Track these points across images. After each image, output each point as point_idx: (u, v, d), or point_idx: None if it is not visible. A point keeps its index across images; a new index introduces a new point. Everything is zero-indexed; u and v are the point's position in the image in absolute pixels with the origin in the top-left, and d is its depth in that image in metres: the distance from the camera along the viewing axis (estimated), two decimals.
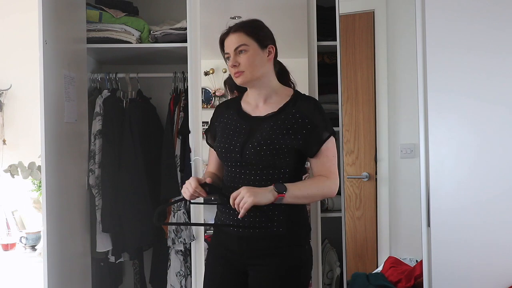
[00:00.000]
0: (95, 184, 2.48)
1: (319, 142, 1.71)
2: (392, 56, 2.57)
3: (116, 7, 2.64)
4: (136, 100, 2.68)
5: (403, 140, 2.53)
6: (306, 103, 1.76)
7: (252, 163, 1.71)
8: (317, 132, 1.71)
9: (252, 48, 1.73)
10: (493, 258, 1.84)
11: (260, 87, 1.78)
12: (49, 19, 2.08)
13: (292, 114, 1.72)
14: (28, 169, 2.76)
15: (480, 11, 1.84)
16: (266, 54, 1.76)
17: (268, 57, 1.76)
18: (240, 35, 1.73)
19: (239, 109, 1.83)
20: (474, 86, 1.84)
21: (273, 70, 1.81)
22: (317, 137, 1.71)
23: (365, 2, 2.67)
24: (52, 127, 2.09)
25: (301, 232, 1.77)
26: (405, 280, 2.33)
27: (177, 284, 2.50)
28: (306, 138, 1.70)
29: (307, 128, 1.70)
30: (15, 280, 2.57)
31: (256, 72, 1.74)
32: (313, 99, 1.85)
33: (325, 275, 2.61)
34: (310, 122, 1.70)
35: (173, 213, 2.50)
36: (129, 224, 2.48)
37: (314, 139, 1.70)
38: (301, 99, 1.78)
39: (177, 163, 2.51)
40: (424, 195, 1.88)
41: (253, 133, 1.73)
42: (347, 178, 2.56)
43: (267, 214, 1.67)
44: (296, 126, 1.70)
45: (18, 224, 2.91)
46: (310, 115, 1.71)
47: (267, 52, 1.76)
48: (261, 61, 1.75)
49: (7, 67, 2.98)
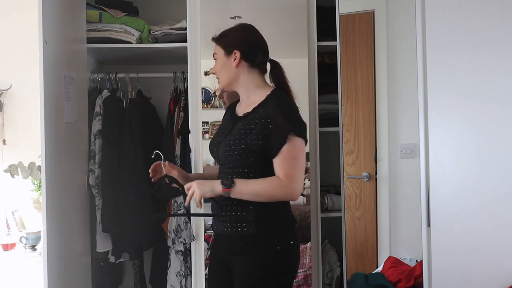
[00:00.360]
0: (95, 184, 2.48)
1: (279, 143, 1.68)
2: (392, 56, 2.57)
3: (116, 7, 2.64)
4: (136, 100, 2.68)
5: (403, 140, 2.53)
6: (274, 103, 1.74)
7: (225, 162, 1.80)
8: (278, 133, 1.69)
9: (219, 56, 1.83)
10: (493, 258, 1.84)
11: (239, 90, 1.86)
12: (49, 19, 2.08)
13: (258, 114, 1.73)
14: (28, 169, 2.76)
15: (479, 11, 1.84)
16: (232, 60, 1.80)
17: (234, 61, 1.80)
18: (214, 44, 1.86)
19: (233, 110, 1.91)
20: (474, 86, 1.84)
21: (251, 72, 1.83)
22: (277, 138, 1.69)
23: (365, 2, 2.67)
24: (52, 127, 2.09)
25: (273, 234, 1.77)
26: (405, 280, 2.33)
27: (177, 284, 2.50)
28: (266, 138, 1.70)
29: (269, 128, 1.69)
30: (15, 280, 2.57)
31: (224, 79, 1.84)
32: (283, 99, 1.78)
33: (325, 275, 2.61)
34: (272, 123, 1.69)
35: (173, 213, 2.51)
36: (129, 224, 2.48)
37: (274, 140, 1.69)
38: (272, 99, 1.77)
39: (177, 163, 2.51)
40: (424, 195, 1.88)
41: (230, 133, 1.80)
42: (347, 178, 2.56)
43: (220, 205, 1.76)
44: (259, 126, 1.71)
45: (18, 224, 2.91)
46: (273, 115, 1.70)
47: (233, 57, 1.80)
48: (228, 68, 1.82)
49: (7, 67, 2.98)
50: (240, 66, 1.81)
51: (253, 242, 1.75)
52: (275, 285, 1.75)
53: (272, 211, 1.75)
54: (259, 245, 1.75)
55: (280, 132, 1.68)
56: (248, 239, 1.75)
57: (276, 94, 1.79)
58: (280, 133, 1.68)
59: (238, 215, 1.75)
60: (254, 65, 1.82)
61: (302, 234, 2.49)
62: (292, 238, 1.81)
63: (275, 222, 1.78)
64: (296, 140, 1.70)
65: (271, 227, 1.77)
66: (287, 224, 1.82)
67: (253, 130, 1.72)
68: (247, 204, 1.73)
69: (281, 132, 1.68)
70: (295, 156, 1.70)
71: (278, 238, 1.77)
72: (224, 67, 1.82)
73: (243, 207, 1.73)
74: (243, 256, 1.76)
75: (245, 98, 1.85)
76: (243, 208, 1.74)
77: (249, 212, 1.73)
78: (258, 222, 1.73)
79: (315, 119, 2.48)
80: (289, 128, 1.68)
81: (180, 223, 2.46)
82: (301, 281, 2.50)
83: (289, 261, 1.79)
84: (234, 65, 1.81)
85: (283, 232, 1.79)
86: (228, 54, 1.81)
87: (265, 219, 1.75)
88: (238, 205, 1.73)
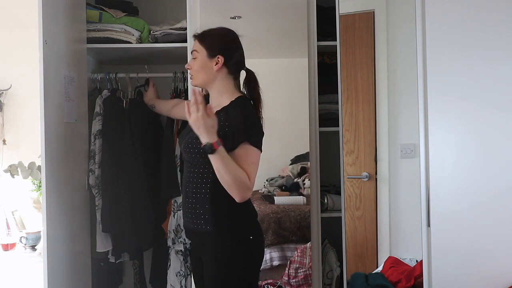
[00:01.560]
0: (95, 184, 2.48)
1: (231, 146, 1.73)
2: (392, 56, 2.57)
3: (116, 7, 2.64)
4: (136, 100, 2.68)
5: (403, 140, 2.53)
6: (235, 110, 1.80)
7: (186, 159, 1.87)
8: (231, 137, 1.73)
9: (200, 55, 1.87)
10: (493, 258, 1.84)
11: (210, 91, 1.91)
12: (49, 19, 2.07)
13: (219, 118, 1.76)
14: (28, 169, 2.76)
15: (478, 17, 1.86)
16: (214, 63, 1.85)
17: (216, 66, 1.85)
18: (196, 41, 1.89)
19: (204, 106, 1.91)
20: (474, 88, 1.85)
21: (226, 78, 1.88)
22: (230, 142, 1.73)
23: (365, 2, 2.67)
24: (52, 127, 2.09)
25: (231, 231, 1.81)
26: (405, 280, 2.33)
27: (177, 284, 2.50)
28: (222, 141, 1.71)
29: (225, 131, 1.73)
30: (15, 280, 2.57)
31: (200, 78, 1.88)
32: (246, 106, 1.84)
33: (325, 275, 2.61)
34: (229, 127, 1.74)
35: (173, 213, 2.51)
36: (129, 224, 2.48)
37: (228, 143, 1.71)
38: (236, 106, 1.82)
39: (177, 163, 2.51)
40: (424, 195, 1.88)
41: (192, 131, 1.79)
42: (347, 178, 2.56)
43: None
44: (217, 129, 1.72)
45: (18, 224, 2.91)
46: (231, 121, 1.75)
47: (215, 61, 1.85)
48: (207, 69, 1.86)
49: (7, 67, 2.99)
50: (219, 71, 1.86)
51: (212, 239, 1.81)
52: (237, 279, 1.80)
53: (229, 209, 1.79)
54: (218, 242, 1.80)
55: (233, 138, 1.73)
56: (207, 236, 1.81)
57: (240, 101, 1.85)
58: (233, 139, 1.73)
59: (197, 212, 1.81)
60: (231, 72, 1.89)
61: (302, 234, 2.50)
62: (252, 233, 1.85)
63: (233, 219, 1.81)
64: (248, 147, 1.75)
65: (229, 224, 1.81)
66: (246, 219, 1.85)
67: None
68: (203, 202, 1.78)
69: (234, 139, 1.73)
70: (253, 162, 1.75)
71: (236, 234, 1.81)
72: (204, 68, 1.86)
73: (201, 205, 1.79)
74: (206, 253, 1.84)
75: (213, 100, 1.90)
76: (201, 206, 1.79)
77: (205, 210, 1.79)
78: (215, 220, 1.78)
79: (315, 119, 2.48)
80: (243, 137, 1.74)
81: (180, 223, 2.46)
82: (301, 281, 2.50)
83: (250, 256, 1.83)
84: (216, 69, 1.86)
85: (241, 229, 1.83)
86: (211, 57, 1.85)
87: (222, 217, 1.80)
88: (197, 203, 1.79)
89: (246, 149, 1.74)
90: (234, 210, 1.80)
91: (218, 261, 1.80)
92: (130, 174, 2.49)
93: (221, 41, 1.89)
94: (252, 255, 1.85)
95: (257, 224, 1.91)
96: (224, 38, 1.90)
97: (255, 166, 1.77)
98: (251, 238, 1.84)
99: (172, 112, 2.45)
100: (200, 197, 1.80)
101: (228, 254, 1.79)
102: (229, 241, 1.80)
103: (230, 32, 1.92)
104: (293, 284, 2.51)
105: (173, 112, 2.45)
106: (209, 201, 1.79)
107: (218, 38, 1.89)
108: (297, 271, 2.51)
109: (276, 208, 2.51)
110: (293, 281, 2.51)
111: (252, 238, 1.84)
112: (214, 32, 1.91)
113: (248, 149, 1.75)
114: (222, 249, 1.80)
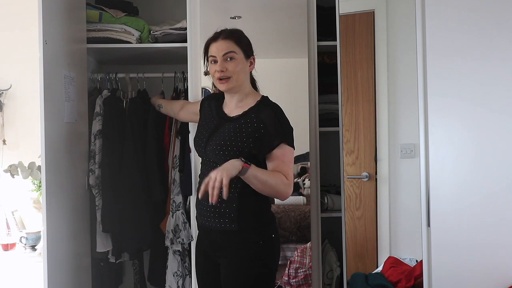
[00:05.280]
0: (95, 184, 2.47)
1: (269, 148, 1.77)
2: (392, 56, 2.57)
3: (116, 7, 2.64)
4: (136, 100, 2.68)
5: (403, 140, 2.53)
6: (267, 110, 1.83)
7: (213, 160, 1.84)
8: (269, 138, 1.77)
9: (239, 56, 1.86)
10: (493, 258, 1.84)
11: (236, 93, 1.90)
12: (49, 19, 2.07)
13: (250, 118, 1.80)
14: (28, 169, 2.76)
15: (477, 18, 1.87)
16: (249, 64, 1.89)
17: (250, 67, 1.90)
18: (230, 42, 1.85)
19: (219, 105, 1.95)
20: (474, 89, 1.86)
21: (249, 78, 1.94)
22: (268, 143, 1.77)
23: (365, 2, 2.67)
24: (52, 127, 2.09)
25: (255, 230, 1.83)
26: (405, 280, 2.33)
27: (174, 284, 2.50)
28: (257, 142, 1.77)
29: (261, 132, 1.77)
30: (15, 280, 2.57)
31: (240, 80, 1.86)
32: (276, 106, 1.88)
33: (325, 275, 2.61)
34: (264, 128, 1.77)
35: (171, 213, 2.50)
36: (129, 224, 2.48)
37: (265, 144, 1.77)
38: (264, 105, 1.86)
39: (176, 164, 2.51)
40: (424, 195, 1.88)
41: (216, 131, 1.84)
42: (347, 178, 2.56)
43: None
44: (251, 130, 1.78)
45: (18, 224, 2.91)
46: (266, 121, 1.78)
47: (250, 62, 1.89)
48: (244, 70, 1.88)
49: (7, 67, 2.98)
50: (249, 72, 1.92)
51: (236, 237, 1.81)
52: (258, 276, 1.81)
53: (254, 209, 1.82)
54: (242, 240, 1.81)
55: (271, 139, 1.77)
56: (231, 234, 1.81)
57: (267, 101, 1.90)
58: (270, 139, 1.77)
59: (222, 212, 1.80)
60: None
61: (302, 234, 2.50)
62: (273, 232, 1.88)
63: (257, 218, 1.84)
64: (285, 147, 1.79)
65: (253, 223, 1.83)
66: (268, 220, 1.89)
67: (244, 133, 1.79)
68: (231, 201, 1.78)
69: (271, 139, 1.77)
70: (290, 161, 1.81)
71: (260, 233, 1.83)
72: (244, 69, 1.88)
73: (227, 204, 1.78)
74: (227, 250, 1.83)
75: (237, 100, 1.90)
76: (227, 205, 1.79)
77: (232, 209, 1.80)
78: (240, 219, 1.80)
79: (315, 119, 2.48)
80: (281, 138, 1.78)
81: (179, 223, 2.46)
82: (301, 281, 2.50)
83: (271, 253, 1.86)
84: (250, 70, 1.91)
85: (264, 227, 1.86)
86: (246, 58, 1.88)
87: (247, 216, 1.81)
88: (222, 202, 1.76)
89: (283, 150, 1.78)
90: (258, 210, 1.84)
91: (242, 258, 1.80)
92: (130, 174, 2.49)
93: (248, 41, 1.92)
94: (273, 253, 1.88)
95: (277, 225, 1.95)
96: (247, 39, 1.93)
97: (291, 164, 1.82)
98: (273, 237, 1.87)
99: (180, 115, 2.40)
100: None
101: (252, 252, 1.80)
102: (254, 239, 1.82)
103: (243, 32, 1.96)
104: (293, 284, 2.51)
105: (180, 116, 2.39)
106: (237, 199, 1.79)
107: (247, 39, 1.92)
108: (297, 271, 2.51)
109: (276, 208, 2.52)
110: (293, 281, 2.51)
111: (273, 237, 1.87)
112: (239, 32, 1.92)
113: (285, 149, 1.79)
114: (247, 247, 1.81)
